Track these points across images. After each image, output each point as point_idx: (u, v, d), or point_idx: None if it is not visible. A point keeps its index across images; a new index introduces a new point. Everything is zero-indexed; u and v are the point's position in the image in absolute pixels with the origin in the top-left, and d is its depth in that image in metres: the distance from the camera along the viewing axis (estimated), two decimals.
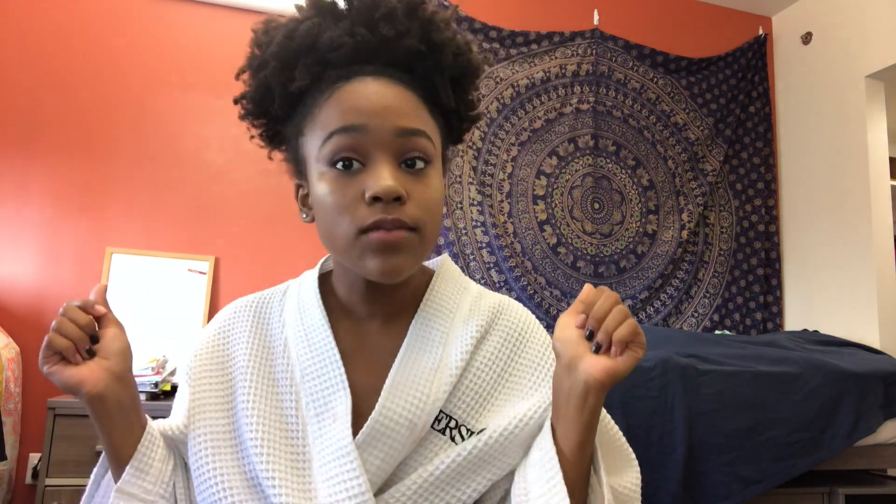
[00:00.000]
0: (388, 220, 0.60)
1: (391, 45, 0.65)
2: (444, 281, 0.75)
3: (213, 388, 0.70)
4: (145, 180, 2.33)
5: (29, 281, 2.17)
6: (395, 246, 0.61)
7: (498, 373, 0.70)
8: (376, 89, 0.63)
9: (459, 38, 0.70)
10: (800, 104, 3.11)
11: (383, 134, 0.62)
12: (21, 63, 2.26)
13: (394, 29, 0.64)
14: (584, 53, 2.91)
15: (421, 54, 0.66)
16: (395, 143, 0.63)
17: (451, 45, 0.67)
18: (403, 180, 0.63)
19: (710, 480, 1.73)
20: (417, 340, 0.69)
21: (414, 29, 0.65)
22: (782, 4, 3.21)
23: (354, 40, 0.64)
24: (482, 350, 0.71)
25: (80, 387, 0.61)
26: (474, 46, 0.71)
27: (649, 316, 2.84)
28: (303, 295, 0.75)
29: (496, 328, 0.73)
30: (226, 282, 2.36)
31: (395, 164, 0.63)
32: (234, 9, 2.50)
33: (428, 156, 0.65)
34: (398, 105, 0.64)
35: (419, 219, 0.63)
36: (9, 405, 1.89)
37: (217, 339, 0.74)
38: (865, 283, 2.67)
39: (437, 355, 0.68)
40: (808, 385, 1.90)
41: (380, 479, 0.63)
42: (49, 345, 0.61)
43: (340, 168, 0.63)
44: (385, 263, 0.62)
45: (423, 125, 0.65)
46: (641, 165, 2.95)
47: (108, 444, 0.64)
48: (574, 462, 0.61)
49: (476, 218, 2.64)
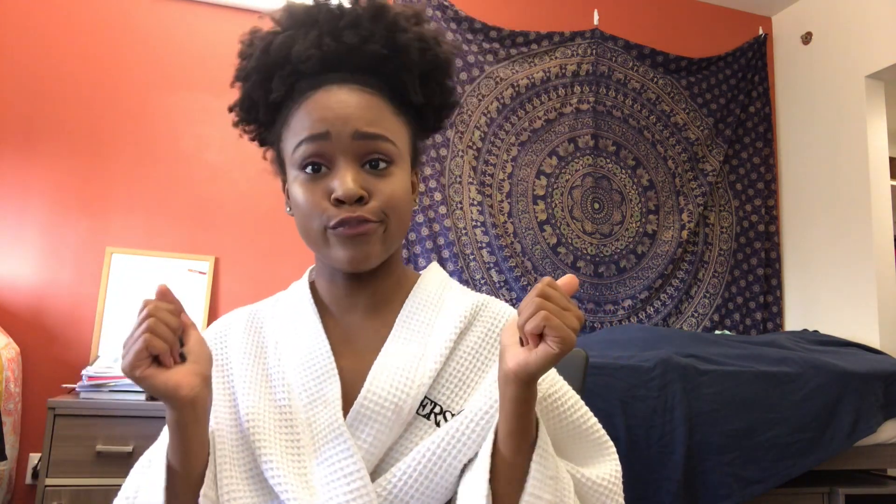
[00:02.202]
0: (353, 217, 0.66)
1: (356, 51, 0.69)
2: (431, 279, 0.80)
3: (216, 387, 0.72)
4: (145, 180, 2.33)
5: (29, 281, 2.17)
6: (361, 236, 0.67)
7: (481, 360, 0.73)
8: (340, 97, 0.68)
9: (427, 32, 0.73)
10: (800, 104, 3.11)
11: (344, 139, 0.67)
12: (22, 63, 2.26)
13: (358, 35, 0.69)
14: (584, 53, 2.91)
15: (386, 57, 0.70)
16: (355, 147, 0.68)
17: (415, 43, 0.71)
18: (366, 180, 0.68)
19: (710, 480, 1.73)
20: (403, 331, 0.73)
21: (378, 32, 0.69)
22: (782, 4, 3.21)
23: (321, 51, 0.69)
24: (465, 340, 0.73)
25: (176, 391, 0.59)
26: (444, 37, 0.74)
27: (649, 316, 2.84)
28: (293, 298, 0.79)
29: (479, 320, 0.76)
30: (226, 282, 2.36)
31: (357, 165, 0.68)
32: (234, 9, 2.50)
33: (389, 156, 0.70)
34: (359, 112, 0.68)
35: (382, 213, 0.68)
36: (9, 405, 1.89)
37: (215, 344, 0.77)
38: (865, 284, 2.67)
39: (422, 344, 0.71)
40: (808, 385, 1.90)
41: (371, 463, 0.66)
42: (145, 347, 0.58)
43: (309, 172, 0.69)
44: (354, 253, 0.68)
45: (384, 129, 0.69)
46: (641, 165, 2.96)
47: (187, 450, 0.62)
48: (505, 450, 0.62)
49: (476, 218, 2.64)
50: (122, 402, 1.82)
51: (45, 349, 2.14)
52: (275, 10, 0.72)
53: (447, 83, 0.77)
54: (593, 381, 1.68)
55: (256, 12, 2.89)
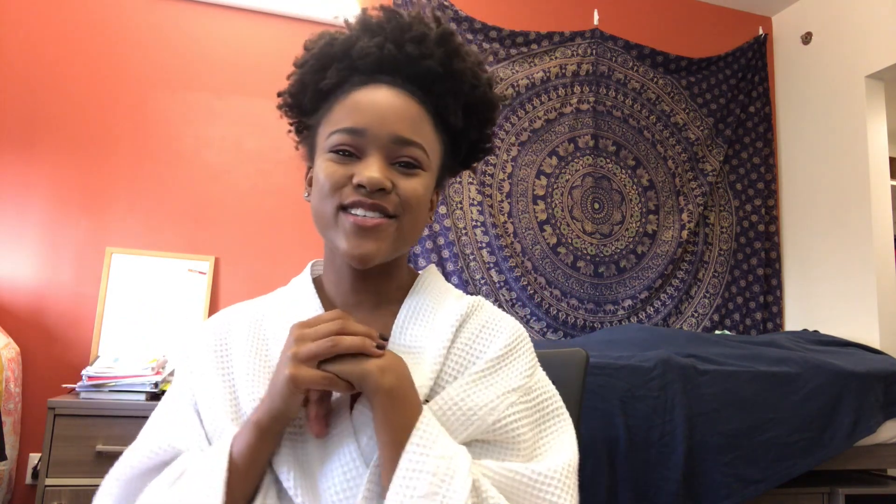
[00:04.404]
0: (368, 202, 0.68)
1: (413, 62, 0.72)
2: (429, 282, 0.80)
3: (218, 377, 0.72)
4: (145, 180, 2.33)
5: (29, 281, 2.18)
6: (370, 230, 0.68)
7: (473, 356, 0.73)
8: (385, 95, 0.71)
9: (483, 72, 0.77)
10: (800, 104, 3.11)
11: (380, 137, 0.70)
12: (22, 63, 2.26)
13: (419, 50, 0.72)
14: (584, 53, 2.91)
15: (439, 76, 0.73)
16: (389, 147, 0.70)
17: (469, 75, 0.75)
18: (391, 174, 0.70)
19: (710, 480, 1.73)
20: (402, 335, 0.73)
21: (438, 54, 0.72)
22: (782, 4, 3.21)
23: (381, 52, 0.72)
24: (459, 339, 0.74)
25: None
26: (496, 85, 0.75)
27: (649, 316, 2.84)
28: (295, 293, 0.79)
29: (472, 319, 0.76)
30: (226, 282, 2.36)
31: (386, 162, 0.70)
32: (234, 9, 2.50)
33: (419, 163, 0.72)
34: (400, 114, 0.71)
35: (400, 207, 0.70)
36: (9, 405, 1.89)
37: (217, 336, 0.76)
38: (865, 283, 2.67)
39: (421, 347, 0.72)
40: (808, 385, 1.90)
41: (368, 461, 0.65)
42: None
43: (339, 154, 0.70)
44: (358, 246, 0.68)
45: (421, 138, 0.72)
46: (641, 165, 2.96)
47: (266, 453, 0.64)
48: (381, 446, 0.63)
49: (476, 218, 2.64)
50: (122, 402, 1.82)
51: (45, 349, 2.14)
52: (351, 16, 0.77)
53: (487, 125, 0.80)
54: (593, 381, 1.68)
55: (256, 12, 2.86)
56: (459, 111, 0.75)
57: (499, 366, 0.72)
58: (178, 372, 0.76)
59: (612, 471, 1.66)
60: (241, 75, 2.46)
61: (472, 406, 0.67)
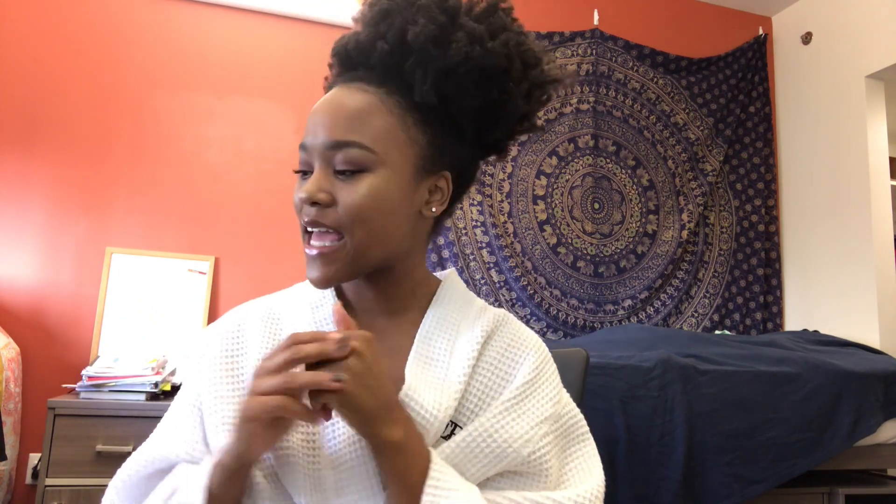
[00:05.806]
0: (308, 221, 0.67)
1: (366, 49, 0.70)
2: (452, 291, 0.77)
3: (228, 380, 0.69)
4: (145, 180, 2.33)
5: (29, 281, 2.17)
6: (316, 257, 0.67)
7: (500, 377, 0.70)
8: (328, 98, 0.69)
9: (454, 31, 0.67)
10: (800, 104, 3.11)
11: (317, 148, 0.68)
12: (22, 63, 2.26)
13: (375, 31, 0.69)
14: (584, 53, 2.91)
15: (387, 52, 0.68)
16: (325, 156, 0.67)
17: (429, 38, 0.66)
18: (334, 185, 0.66)
19: (710, 480, 1.73)
20: (425, 347, 0.70)
21: (391, 32, 0.68)
22: (782, 4, 3.21)
23: (346, 49, 0.71)
24: (484, 357, 0.71)
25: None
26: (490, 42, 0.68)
27: (649, 316, 2.84)
28: (314, 294, 0.76)
29: (498, 335, 0.73)
30: (226, 282, 2.36)
31: (329, 171, 0.67)
32: (234, 9, 2.49)
33: (361, 163, 0.66)
34: (334, 114, 0.67)
35: (342, 223, 0.66)
36: (9, 405, 1.89)
37: (230, 334, 0.73)
38: (865, 283, 2.67)
39: (445, 364, 0.69)
40: (808, 385, 1.90)
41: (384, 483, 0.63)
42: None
43: (300, 174, 0.71)
44: (316, 273, 0.67)
45: (361, 134, 0.66)
46: (641, 165, 2.96)
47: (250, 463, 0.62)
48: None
49: (476, 218, 2.64)
50: (122, 402, 1.82)
51: (45, 349, 2.14)
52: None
53: (483, 89, 0.68)
54: (593, 381, 1.68)
55: (256, 12, 2.86)
56: (429, 82, 0.66)
57: (529, 391, 0.69)
58: (186, 374, 0.74)
59: (612, 471, 1.66)
60: (241, 75, 2.46)
61: (507, 438, 0.65)
